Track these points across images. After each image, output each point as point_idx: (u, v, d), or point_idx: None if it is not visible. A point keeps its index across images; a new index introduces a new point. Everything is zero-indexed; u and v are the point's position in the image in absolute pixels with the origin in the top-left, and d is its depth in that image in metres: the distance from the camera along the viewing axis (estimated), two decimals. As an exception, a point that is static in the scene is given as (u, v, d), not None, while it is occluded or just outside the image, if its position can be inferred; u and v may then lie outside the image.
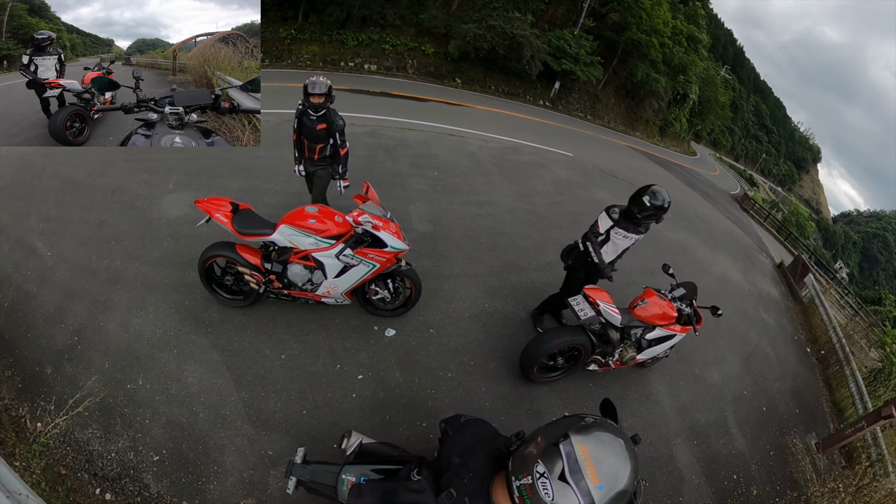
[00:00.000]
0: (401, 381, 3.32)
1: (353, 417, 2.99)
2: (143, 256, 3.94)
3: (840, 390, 5.28)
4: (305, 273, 3.22)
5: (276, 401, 2.98)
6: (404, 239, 3.19)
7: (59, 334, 3.23)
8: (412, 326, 3.76)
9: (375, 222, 3.02)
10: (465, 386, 3.41)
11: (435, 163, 7.23)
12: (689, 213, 9.98)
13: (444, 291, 4.22)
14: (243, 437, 2.76)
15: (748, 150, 70.98)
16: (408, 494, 1.29)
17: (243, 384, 3.04)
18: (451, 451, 1.34)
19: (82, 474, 2.54)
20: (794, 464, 3.92)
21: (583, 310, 3.19)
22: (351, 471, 1.64)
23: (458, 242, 5.06)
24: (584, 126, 19.55)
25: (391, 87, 14.59)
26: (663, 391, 4.00)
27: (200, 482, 2.55)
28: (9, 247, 3.96)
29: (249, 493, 2.53)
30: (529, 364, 3.32)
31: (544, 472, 0.99)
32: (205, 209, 3.10)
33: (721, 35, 71.15)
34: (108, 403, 2.83)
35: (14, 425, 2.67)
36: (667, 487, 3.26)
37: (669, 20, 23.68)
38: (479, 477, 1.21)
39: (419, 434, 3.00)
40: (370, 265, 3.16)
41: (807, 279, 7.94)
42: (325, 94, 3.71)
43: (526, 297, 4.45)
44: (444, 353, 3.63)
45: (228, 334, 3.33)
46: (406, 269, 3.40)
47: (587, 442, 1.01)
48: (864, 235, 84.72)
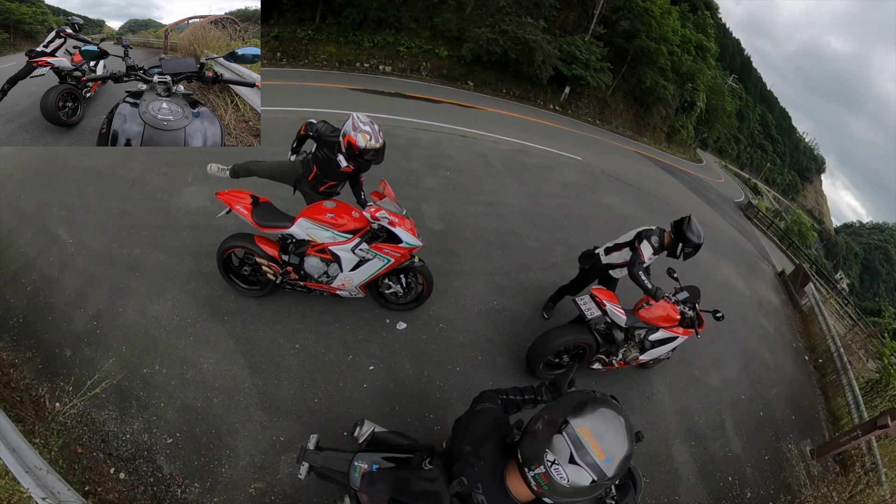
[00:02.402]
0: (411, 373, 3.34)
1: (363, 407, 3.00)
2: (163, 246, 3.97)
3: (836, 399, 5.24)
4: (322, 266, 3.23)
5: (288, 388, 3.00)
6: (418, 235, 3.21)
7: (79, 318, 3.27)
8: (423, 321, 3.78)
9: (392, 218, 3.03)
10: (472, 380, 3.43)
11: (447, 163, 7.25)
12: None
13: (455, 288, 4.25)
14: (256, 423, 2.78)
15: (753, 159, 70.03)
16: (420, 482, 1.30)
17: (257, 371, 3.06)
18: (463, 440, 1.35)
19: (98, 454, 2.57)
20: (789, 469, 3.92)
21: (590, 309, 3.22)
22: (363, 458, 1.65)
23: (469, 241, 5.09)
24: (592, 131, 19.44)
25: (405, 88, 14.61)
26: (664, 392, 4.01)
27: (212, 465, 2.57)
28: (32, 234, 4.02)
29: (260, 477, 2.54)
30: (536, 360, 3.34)
31: (554, 460, 1.05)
32: (225, 201, 3.13)
33: (729, 44, 70.12)
34: (124, 386, 2.86)
35: (34, 404, 2.72)
36: (664, 486, 3.28)
37: (678, 29, 23.38)
38: (491, 464, 1.23)
39: (427, 425, 3.03)
40: (385, 260, 3.17)
41: (807, 288, 7.86)
42: (381, 148, 3.04)
43: (533, 296, 4.47)
44: (453, 348, 3.65)
45: (244, 323, 3.35)
46: (419, 265, 3.41)
47: (586, 423, 1.06)
48: (865, 247, 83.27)
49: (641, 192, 9.90)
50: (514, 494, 1.19)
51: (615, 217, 7.41)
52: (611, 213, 7.52)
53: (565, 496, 1.07)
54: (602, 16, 21.41)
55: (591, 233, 6.33)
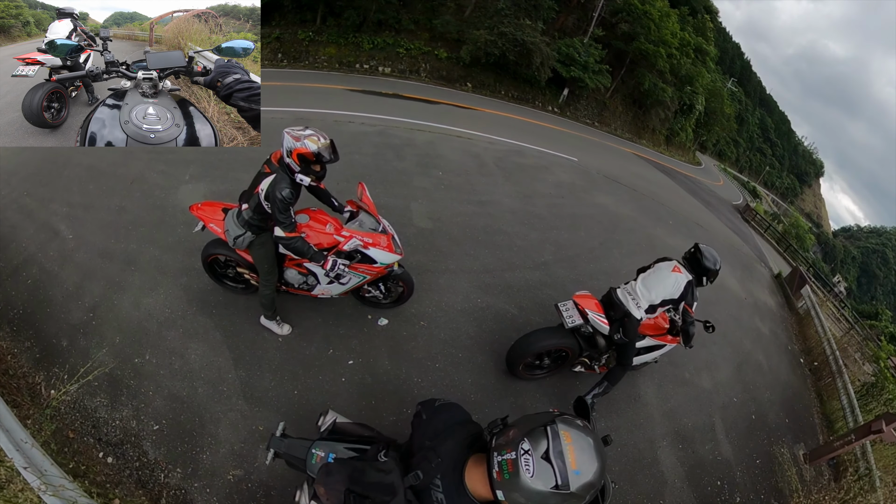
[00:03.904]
0: (389, 369, 3.30)
1: (340, 400, 3.01)
2: (158, 241, 4.01)
3: (831, 402, 5.10)
4: (301, 277, 3.17)
5: (270, 380, 3.04)
6: (398, 247, 3.10)
7: (76, 310, 3.33)
8: (404, 317, 3.71)
9: (364, 240, 2.92)
10: (451, 377, 3.37)
11: (440, 163, 7.14)
12: (690, 221, 9.78)
13: (439, 285, 4.14)
14: (237, 412, 2.83)
15: (752, 163, 69.62)
16: (375, 474, 1.29)
17: (241, 363, 3.10)
18: (422, 435, 1.34)
19: (88, 438, 2.64)
20: (780, 473, 3.77)
21: (571, 316, 3.05)
22: (321, 446, 1.67)
23: (456, 239, 4.97)
24: (590, 132, 19.32)
25: (404, 89, 14.54)
26: (651, 393, 3.88)
27: (194, 452, 2.63)
28: (34, 229, 4.07)
29: (238, 464, 2.59)
30: (516, 361, 3.23)
31: (529, 450, 1.02)
32: (199, 216, 3.02)
33: (729, 48, 69.85)
34: (116, 375, 2.92)
35: (30, 391, 2.81)
36: (648, 490, 3.14)
37: (677, 31, 23.26)
38: (451, 460, 1.21)
39: (404, 420, 2.95)
40: (361, 277, 3.12)
41: (803, 291, 7.70)
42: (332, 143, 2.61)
43: (518, 294, 4.35)
44: (434, 345, 3.58)
45: (231, 316, 3.39)
46: (399, 271, 3.31)
47: (570, 431, 1.05)
48: (863, 250, 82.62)
49: (637, 193, 9.76)
50: (473, 493, 1.16)
51: (608, 217, 7.28)
52: (604, 214, 7.39)
53: (520, 494, 1.02)
54: (601, 18, 21.33)
55: (582, 232, 6.20)
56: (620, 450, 3.30)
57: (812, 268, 17.70)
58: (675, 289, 2.96)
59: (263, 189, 2.58)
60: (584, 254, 5.66)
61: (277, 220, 2.60)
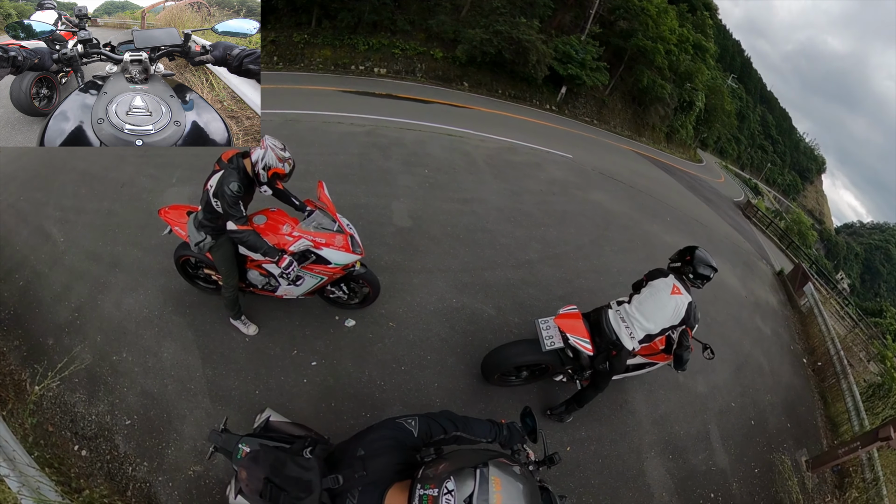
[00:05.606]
0: (352, 371, 3.18)
1: (300, 401, 2.95)
2: (142, 243, 4.04)
3: (836, 405, 4.78)
4: (263, 278, 3.12)
5: (234, 379, 3.02)
6: (357, 247, 2.96)
7: (63, 310, 3.41)
8: (373, 318, 3.52)
9: (315, 240, 2.82)
10: (416, 380, 3.17)
11: (427, 161, 6.89)
12: (688, 218, 9.43)
13: (412, 285, 3.90)
14: (202, 410, 2.86)
15: (754, 160, 68.72)
16: (295, 468, 1.27)
17: (209, 362, 3.11)
18: (358, 443, 1.32)
19: (66, 432, 2.73)
20: (781, 483, 3.47)
21: (551, 337, 2.74)
22: (248, 442, 1.68)
23: (436, 238, 4.72)
24: (589, 130, 18.96)
25: (399, 89, 14.31)
26: (640, 399, 3.59)
27: (161, 447, 2.68)
28: (28, 232, 4.16)
29: (199, 460, 2.63)
30: (491, 370, 2.97)
31: (452, 490, 0.97)
32: (167, 220, 3.06)
33: (729, 45, 69.07)
34: (95, 372, 2.99)
35: (15, 387, 2.91)
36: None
37: (676, 28, 22.84)
38: (376, 478, 1.18)
39: (362, 423, 2.75)
40: (318, 278, 3.00)
41: (806, 288, 7.35)
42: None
43: (497, 294, 4.09)
44: (401, 346, 3.39)
45: (203, 316, 3.40)
46: (361, 271, 3.18)
47: (502, 477, 0.99)
48: (866, 247, 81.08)
49: (634, 189, 9.44)
50: None
51: (602, 214, 6.99)
52: (597, 210, 7.09)
53: None
54: (599, 15, 20.99)
55: (572, 229, 5.92)
56: (602, 461, 3.02)
57: (815, 264, 17.25)
58: (675, 315, 2.69)
59: (212, 186, 2.59)
60: (572, 251, 5.37)
61: (228, 215, 2.57)
